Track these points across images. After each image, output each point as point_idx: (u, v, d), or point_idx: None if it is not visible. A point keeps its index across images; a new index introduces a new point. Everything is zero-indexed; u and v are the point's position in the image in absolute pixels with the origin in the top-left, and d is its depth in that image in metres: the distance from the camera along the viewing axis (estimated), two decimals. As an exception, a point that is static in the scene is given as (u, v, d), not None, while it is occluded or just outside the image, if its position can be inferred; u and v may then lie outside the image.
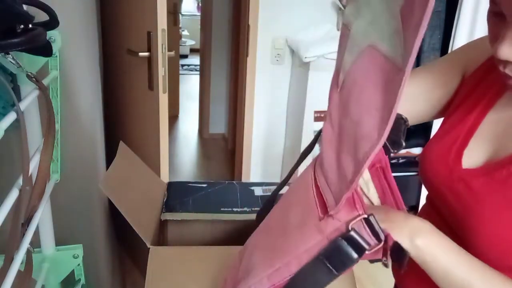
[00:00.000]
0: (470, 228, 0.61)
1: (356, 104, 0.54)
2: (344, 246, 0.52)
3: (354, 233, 0.52)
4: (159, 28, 1.60)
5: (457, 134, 0.67)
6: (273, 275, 0.61)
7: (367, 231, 0.52)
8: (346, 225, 0.53)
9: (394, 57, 0.48)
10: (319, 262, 0.55)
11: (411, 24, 0.45)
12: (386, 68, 0.49)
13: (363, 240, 0.52)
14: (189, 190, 1.31)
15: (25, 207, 0.75)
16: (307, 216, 0.59)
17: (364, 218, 0.52)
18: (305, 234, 0.58)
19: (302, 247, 0.57)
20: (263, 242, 0.70)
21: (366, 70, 0.53)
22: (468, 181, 0.63)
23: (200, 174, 3.43)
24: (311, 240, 0.56)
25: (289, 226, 0.63)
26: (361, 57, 0.55)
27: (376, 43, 0.52)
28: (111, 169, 1.08)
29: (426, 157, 0.72)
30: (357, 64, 0.56)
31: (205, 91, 3.87)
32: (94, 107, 1.51)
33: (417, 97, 0.74)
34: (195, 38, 6.61)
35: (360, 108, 0.53)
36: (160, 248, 1.01)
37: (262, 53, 2.33)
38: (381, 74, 0.50)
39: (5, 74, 0.95)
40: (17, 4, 0.60)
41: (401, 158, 2.26)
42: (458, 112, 0.70)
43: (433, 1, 0.41)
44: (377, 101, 0.50)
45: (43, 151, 0.79)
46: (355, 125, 0.53)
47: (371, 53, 0.53)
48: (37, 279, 0.93)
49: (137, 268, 2.12)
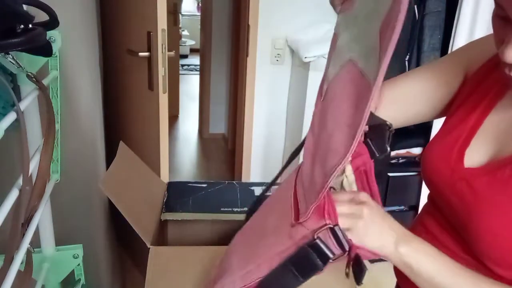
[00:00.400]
0: (473, 227, 0.61)
1: (331, 117, 0.56)
2: (309, 253, 0.54)
3: (319, 242, 0.53)
4: (159, 28, 1.60)
5: (459, 134, 0.67)
6: (245, 276, 0.62)
7: (332, 240, 0.53)
8: (313, 233, 0.54)
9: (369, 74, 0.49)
10: (286, 267, 0.56)
11: (383, 44, 0.46)
12: (360, 84, 0.50)
13: (328, 249, 0.53)
14: (189, 190, 1.31)
15: (25, 207, 0.75)
16: (282, 221, 0.61)
17: (329, 228, 0.53)
18: (278, 239, 0.59)
19: (274, 251, 0.59)
20: (241, 244, 0.71)
21: (344, 85, 0.55)
22: (470, 181, 0.63)
23: (200, 174, 3.43)
24: (282, 245, 0.58)
25: (266, 229, 0.65)
26: (342, 71, 0.57)
27: (356, 58, 0.53)
28: (111, 169, 1.08)
29: (427, 157, 0.71)
30: (338, 76, 0.58)
31: (205, 91, 3.87)
32: (94, 107, 1.51)
33: (419, 97, 0.74)
34: (195, 38, 6.61)
35: (334, 122, 0.55)
36: (160, 248, 1.01)
37: (262, 53, 2.33)
38: (355, 90, 0.51)
39: (5, 74, 0.95)
40: (17, 4, 0.60)
41: (401, 158, 2.26)
42: (459, 111, 0.70)
43: (399, 27, 0.42)
44: (348, 117, 0.51)
45: (43, 151, 0.79)
46: (328, 137, 0.55)
47: (350, 68, 0.54)
48: (37, 279, 0.93)
49: (137, 268, 2.12)
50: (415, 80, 0.74)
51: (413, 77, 0.76)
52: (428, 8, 2.02)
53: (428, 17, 2.03)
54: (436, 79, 0.73)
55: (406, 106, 0.75)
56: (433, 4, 2.02)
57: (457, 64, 0.72)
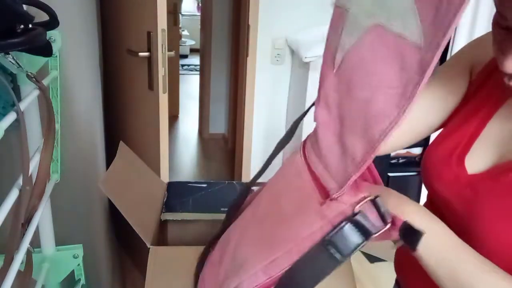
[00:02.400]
0: (477, 232, 0.59)
1: (364, 84, 0.52)
2: (350, 230, 0.50)
3: (361, 216, 0.50)
4: (159, 28, 1.60)
5: (459, 139, 0.66)
6: (269, 266, 0.58)
7: (375, 213, 0.50)
8: (352, 208, 0.51)
9: (410, 35, 0.45)
10: (322, 248, 0.52)
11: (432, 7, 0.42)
12: (399, 46, 0.47)
13: (370, 223, 0.50)
14: (189, 190, 1.31)
15: (25, 207, 0.75)
16: (305, 202, 0.57)
17: (371, 200, 0.50)
18: (305, 221, 0.56)
19: (303, 234, 0.55)
20: (253, 234, 0.67)
21: (374, 50, 0.51)
22: (475, 186, 0.62)
23: (200, 174, 3.43)
24: (313, 225, 0.54)
25: (284, 214, 0.61)
26: (365, 37, 0.53)
27: (385, 22, 0.49)
28: (111, 169, 1.08)
29: (428, 161, 0.71)
30: (361, 44, 0.54)
31: (205, 91, 3.87)
32: (94, 107, 1.51)
33: (431, 108, 0.72)
34: (195, 38, 6.61)
35: (370, 87, 0.50)
36: (160, 248, 1.01)
37: (262, 53, 2.33)
38: (394, 52, 0.48)
39: (5, 74, 0.95)
40: (17, 4, 0.60)
41: (401, 158, 2.26)
42: (460, 114, 0.69)
43: None
44: (391, 79, 0.47)
45: (43, 151, 0.79)
46: (364, 104, 0.50)
47: (378, 33, 0.50)
48: (37, 279, 0.93)
49: (137, 268, 2.12)
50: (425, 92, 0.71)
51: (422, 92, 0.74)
52: (428, 8, 2.02)
53: (428, 17, 2.03)
54: (446, 88, 0.71)
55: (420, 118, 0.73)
56: (433, 4, 2.02)
57: (462, 69, 0.71)
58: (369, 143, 0.49)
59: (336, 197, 0.52)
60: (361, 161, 0.50)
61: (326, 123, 0.59)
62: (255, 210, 0.72)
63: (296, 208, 0.59)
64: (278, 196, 0.66)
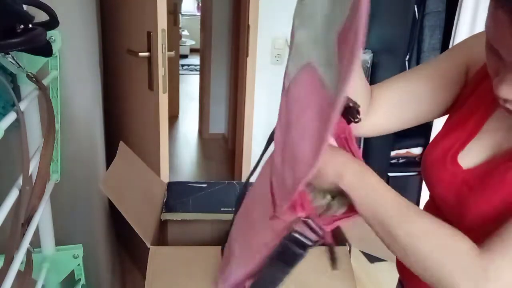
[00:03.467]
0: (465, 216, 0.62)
1: (295, 124, 0.57)
2: (289, 245, 0.58)
3: (297, 234, 0.58)
4: (159, 28, 1.60)
5: (456, 139, 0.67)
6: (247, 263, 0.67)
7: (307, 230, 0.57)
8: (291, 225, 0.58)
9: (329, 87, 0.49)
10: (274, 259, 0.61)
11: (342, 62, 0.46)
12: (321, 95, 0.51)
13: (305, 238, 0.58)
14: (189, 190, 1.31)
15: (25, 207, 0.75)
16: (265, 213, 0.64)
17: (303, 221, 0.57)
18: (263, 230, 0.64)
19: (261, 242, 0.63)
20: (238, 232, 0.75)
21: (306, 91, 0.56)
22: (469, 180, 0.63)
23: (200, 174, 3.43)
24: (267, 236, 0.62)
25: (253, 221, 0.69)
26: (302, 72, 0.57)
27: (315, 64, 0.54)
28: (111, 169, 1.08)
29: (426, 162, 0.71)
30: (299, 78, 0.59)
31: (205, 91, 3.87)
32: (94, 107, 1.51)
33: (423, 97, 0.73)
34: (195, 38, 6.61)
35: (298, 130, 0.56)
36: (160, 248, 1.01)
37: (262, 53, 2.33)
38: (317, 100, 0.52)
39: (5, 74, 0.95)
40: (17, 4, 0.60)
41: (401, 158, 2.26)
42: (459, 113, 0.69)
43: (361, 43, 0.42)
44: (312, 128, 0.52)
45: (43, 151, 0.79)
46: (293, 144, 0.56)
47: (310, 73, 0.55)
48: (37, 279, 0.92)
49: (137, 268, 2.12)
50: (419, 81, 0.73)
51: (416, 76, 0.74)
52: (428, 8, 2.02)
53: (428, 17, 2.03)
54: (439, 79, 0.72)
55: (409, 105, 0.74)
56: (433, 4, 2.02)
57: (459, 64, 0.71)
58: (295, 181, 0.55)
59: (279, 216, 0.60)
60: (290, 193, 0.55)
61: (278, 144, 0.64)
62: (245, 207, 0.78)
63: (261, 218, 0.66)
64: (253, 202, 0.73)
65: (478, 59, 0.69)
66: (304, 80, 0.57)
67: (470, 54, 0.70)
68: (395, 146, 2.21)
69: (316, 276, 0.98)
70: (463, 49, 0.73)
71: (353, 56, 0.43)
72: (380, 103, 0.74)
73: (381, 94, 0.75)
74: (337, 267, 0.64)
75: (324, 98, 0.50)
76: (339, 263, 1.02)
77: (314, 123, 0.52)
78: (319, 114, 0.51)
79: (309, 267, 1.01)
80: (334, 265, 0.64)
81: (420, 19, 2.04)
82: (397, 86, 0.75)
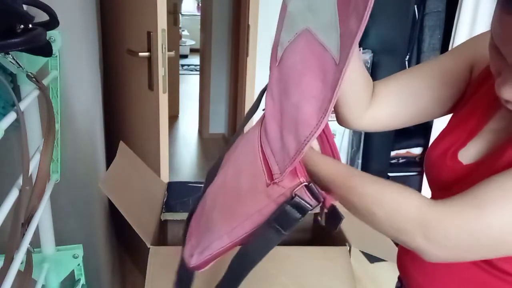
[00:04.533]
0: None
1: (295, 88, 0.60)
2: (289, 209, 0.59)
3: (298, 198, 0.59)
4: (159, 28, 1.60)
5: (456, 139, 0.67)
6: (232, 233, 0.67)
7: (308, 195, 0.59)
8: (290, 191, 0.59)
9: (331, 49, 0.52)
10: (269, 224, 0.61)
11: (349, 22, 0.49)
12: (323, 57, 0.54)
13: (305, 203, 0.59)
14: (189, 190, 1.31)
15: (25, 207, 0.75)
16: (256, 181, 0.65)
17: (305, 185, 0.59)
18: (255, 198, 0.64)
19: (253, 209, 0.64)
20: (222, 202, 0.75)
21: (304, 55, 0.58)
22: (468, 176, 0.63)
23: (200, 174, 3.43)
24: (260, 203, 0.63)
25: (241, 189, 0.69)
26: (298, 38, 0.60)
27: (314, 29, 0.56)
28: (111, 169, 1.08)
29: (427, 161, 0.72)
30: (295, 44, 0.61)
31: (205, 91, 3.87)
32: (94, 107, 1.51)
33: (426, 94, 0.73)
34: (195, 38, 6.61)
35: (299, 93, 0.59)
36: (160, 248, 1.01)
37: (262, 53, 2.33)
38: (318, 63, 0.55)
39: (5, 74, 0.95)
40: (17, 4, 0.60)
41: (401, 158, 2.26)
42: (461, 112, 0.70)
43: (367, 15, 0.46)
44: (315, 89, 0.55)
45: (43, 151, 0.79)
46: (295, 108, 0.59)
47: (308, 38, 0.58)
48: (37, 279, 0.93)
49: (137, 268, 2.12)
50: (422, 79, 0.73)
51: (419, 73, 0.74)
52: (428, 8, 2.02)
53: (428, 17, 2.03)
54: (443, 77, 0.72)
55: (412, 101, 0.74)
56: (433, 4, 2.02)
57: (463, 63, 0.71)
58: (298, 143, 0.58)
59: (278, 182, 0.61)
60: (293, 157, 0.59)
61: (271, 114, 0.66)
62: (224, 177, 0.78)
63: (250, 185, 0.67)
64: (239, 171, 0.74)
65: (482, 59, 0.68)
66: (302, 46, 0.59)
67: (475, 53, 0.70)
68: (395, 146, 2.21)
69: (316, 276, 0.98)
70: (468, 48, 0.73)
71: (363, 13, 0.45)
72: (383, 97, 0.74)
73: (384, 89, 0.75)
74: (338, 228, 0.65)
75: (327, 60, 0.52)
76: (339, 262, 1.02)
77: (316, 83, 0.54)
78: (321, 75, 0.54)
79: (309, 268, 1.01)
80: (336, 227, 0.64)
81: (420, 19, 2.04)
82: (401, 82, 0.75)
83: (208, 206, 0.79)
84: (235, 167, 0.75)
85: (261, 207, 0.63)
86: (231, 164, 0.77)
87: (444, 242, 0.53)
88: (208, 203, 0.79)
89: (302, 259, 1.03)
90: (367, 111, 0.73)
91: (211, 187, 0.81)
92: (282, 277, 0.98)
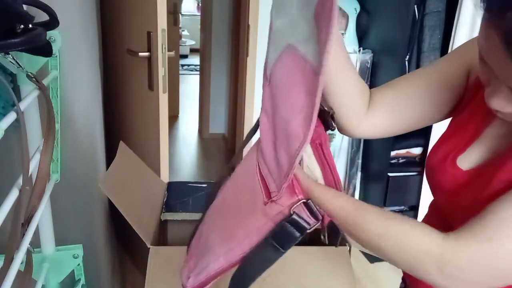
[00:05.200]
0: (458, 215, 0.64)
1: (284, 103, 0.61)
2: (287, 227, 0.59)
3: (296, 216, 0.59)
4: (159, 28, 1.60)
5: (455, 145, 0.67)
6: (228, 254, 0.67)
7: (306, 213, 0.59)
8: (288, 209, 0.59)
9: (310, 59, 0.53)
10: (267, 242, 0.61)
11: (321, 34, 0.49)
12: (304, 69, 0.55)
13: (303, 221, 0.59)
14: (189, 190, 1.31)
15: (25, 207, 0.75)
16: (254, 200, 0.65)
17: (303, 202, 0.59)
18: (253, 217, 0.64)
19: (251, 228, 0.64)
20: (219, 223, 0.75)
21: (290, 70, 0.59)
22: (468, 182, 0.63)
23: (200, 174, 3.43)
24: (258, 222, 0.63)
25: (240, 208, 0.69)
26: (283, 55, 0.61)
27: (295, 43, 0.58)
28: (111, 169, 1.08)
29: (428, 167, 0.72)
30: (280, 61, 0.62)
31: (205, 91, 3.87)
32: (94, 107, 1.51)
33: (424, 99, 0.73)
34: (195, 38, 6.60)
35: (287, 107, 0.59)
36: (160, 248, 1.01)
37: (262, 53, 2.32)
38: (302, 76, 0.56)
39: (5, 74, 0.95)
40: (17, 4, 0.60)
41: (401, 158, 2.26)
42: (460, 117, 0.70)
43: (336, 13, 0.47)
44: (300, 102, 0.56)
45: (43, 151, 0.79)
46: (285, 123, 0.59)
47: (291, 52, 0.59)
48: (37, 279, 0.93)
49: (137, 268, 2.12)
50: (420, 84, 0.73)
51: (416, 78, 0.74)
52: (428, 8, 2.02)
53: (428, 17, 2.03)
54: (440, 82, 0.72)
55: (410, 107, 0.73)
56: (433, 4, 2.02)
57: (460, 67, 0.71)
58: (290, 158, 0.58)
59: (275, 200, 0.61)
60: (287, 173, 0.58)
61: (266, 131, 0.67)
62: (223, 199, 0.78)
63: (248, 205, 0.67)
64: (238, 191, 0.74)
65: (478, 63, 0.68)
66: (286, 61, 0.61)
67: (471, 58, 0.70)
68: (395, 146, 2.21)
69: (316, 276, 0.98)
70: (464, 52, 0.72)
71: (331, 17, 0.47)
72: (381, 104, 0.74)
73: (382, 96, 0.74)
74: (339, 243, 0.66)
75: (308, 71, 0.54)
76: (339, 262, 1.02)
77: (301, 96, 0.55)
78: (305, 87, 0.55)
79: (309, 268, 1.01)
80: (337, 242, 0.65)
81: (420, 19, 2.04)
82: (398, 88, 0.75)
83: (206, 228, 0.79)
84: (234, 189, 0.76)
85: (259, 225, 0.63)
86: (230, 186, 0.78)
87: (459, 276, 0.54)
88: (206, 225, 0.80)
89: (302, 259, 1.03)
90: (366, 119, 0.73)
91: (210, 209, 0.81)
92: (282, 277, 0.98)
